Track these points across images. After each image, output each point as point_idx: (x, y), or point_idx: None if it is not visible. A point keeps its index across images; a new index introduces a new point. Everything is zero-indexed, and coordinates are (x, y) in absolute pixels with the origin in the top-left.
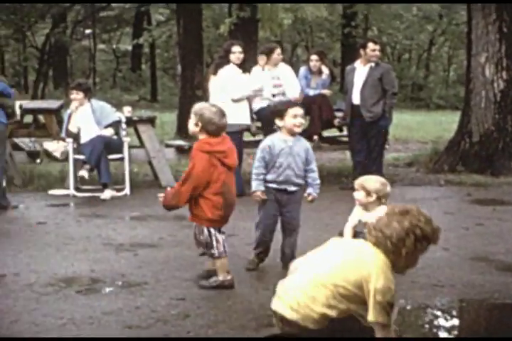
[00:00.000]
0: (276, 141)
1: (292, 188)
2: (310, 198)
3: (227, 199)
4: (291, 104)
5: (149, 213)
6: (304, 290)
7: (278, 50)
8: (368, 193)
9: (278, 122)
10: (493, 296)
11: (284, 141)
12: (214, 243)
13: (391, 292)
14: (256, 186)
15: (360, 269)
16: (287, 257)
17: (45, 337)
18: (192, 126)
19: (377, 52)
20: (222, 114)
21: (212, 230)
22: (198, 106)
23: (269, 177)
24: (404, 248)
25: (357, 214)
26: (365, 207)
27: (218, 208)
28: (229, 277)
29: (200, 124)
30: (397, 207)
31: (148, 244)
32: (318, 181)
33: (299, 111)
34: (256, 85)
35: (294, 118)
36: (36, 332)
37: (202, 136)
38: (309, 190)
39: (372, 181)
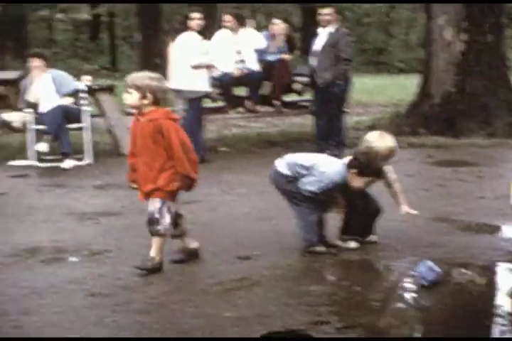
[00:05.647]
0: None
1: None
2: None
3: None
4: (379, 174)
5: (111, 182)
6: None
7: (225, 17)
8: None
9: (351, 171)
10: (457, 256)
11: None
12: (164, 218)
13: None
14: None
15: None
16: None
17: (8, 308)
18: (136, 100)
19: (325, 17)
20: (163, 79)
21: (167, 203)
22: (138, 78)
23: None
24: None
25: None
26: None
27: (176, 179)
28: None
29: (150, 95)
30: None
31: (111, 212)
32: None
33: (375, 181)
34: (207, 60)
35: (366, 184)
36: (1, 303)
37: (149, 108)
38: None
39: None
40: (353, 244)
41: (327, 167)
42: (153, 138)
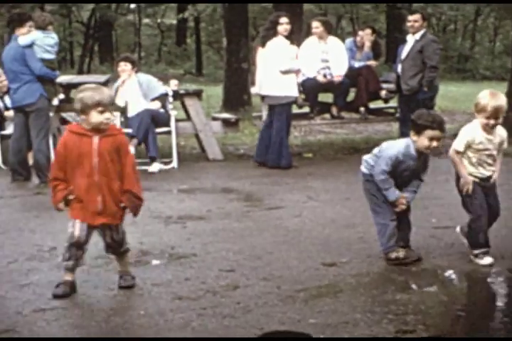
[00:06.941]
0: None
1: None
2: None
3: None
4: (434, 124)
5: (197, 186)
6: None
7: (314, 24)
8: None
9: (412, 135)
10: None
11: None
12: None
13: None
14: None
15: None
16: None
17: (95, 309)
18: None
19: (413, 23)
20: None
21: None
22: (111, 96)
23: None
24: None
25: None
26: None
27: None
28: None
29: None
30: None
31: (197, 216)
32: None
33: (436, 134)
34: (296, 65)
35: (430, 140)
36: (88, 304)
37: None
38: None
39: None
40: (485, 260)
41: (390, 144)
42: (111, 156)
